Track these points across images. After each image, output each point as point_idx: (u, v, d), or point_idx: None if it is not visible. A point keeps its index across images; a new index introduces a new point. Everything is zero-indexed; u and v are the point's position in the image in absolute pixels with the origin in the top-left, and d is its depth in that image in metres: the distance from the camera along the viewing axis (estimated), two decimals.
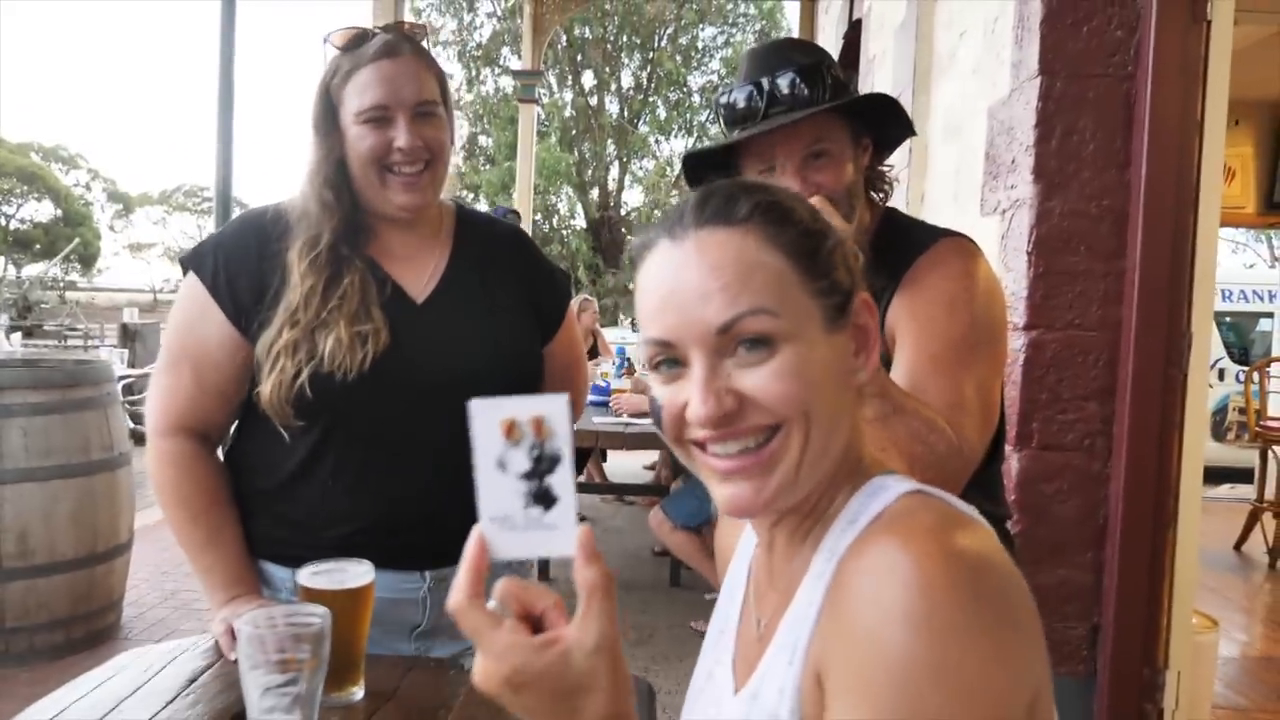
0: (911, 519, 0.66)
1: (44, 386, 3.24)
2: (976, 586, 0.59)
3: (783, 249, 0.69)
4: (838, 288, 0.71)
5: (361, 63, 1.28)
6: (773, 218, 0.70)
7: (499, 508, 0.61)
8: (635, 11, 22.83)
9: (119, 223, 47.08)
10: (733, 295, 0.67)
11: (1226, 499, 6.48)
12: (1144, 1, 2.18)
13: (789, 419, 0.67)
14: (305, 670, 0.90)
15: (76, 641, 3.36)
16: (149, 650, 1.18)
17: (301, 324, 1.23)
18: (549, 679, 0.57)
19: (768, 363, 0.67)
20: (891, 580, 0.59)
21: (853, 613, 0.61)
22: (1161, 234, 2.13)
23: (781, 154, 1.26)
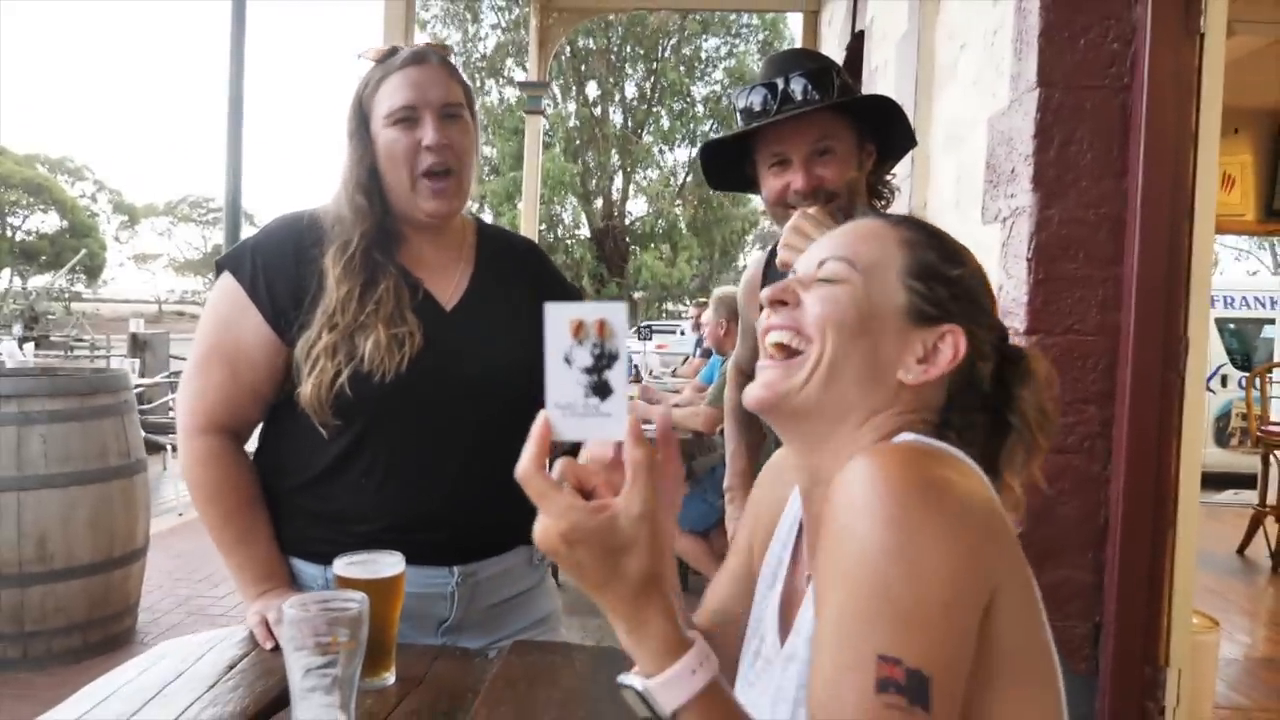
0: (891, 444, 0.78)
1: (63, 394, 3.31)
2: (931, 488, 0.69)
3: (907, 246, 0.87)
4: (935, 302, 0.85)
5: (391, 70, 1.35)
6: (918, 226, 0.90)
7: (564, 396, 0.70)
8: (639, 22, 22.96)
9: (125, 234, 47.33)
10: (842, 244, 0.87)
11: (1230, 504, 6.51)
12: (1139, 15, 2.24)
13: (815, 336, 0.83)
14: (343, 652, 0.95)
15: (93, 645, 3.42)
16: (188, 640, 1.24)
17: (340, 327, 1.28)
18: (598, 538, 0.66)
19: (825, 289, 0.85)
20: (860, 483, 0.70)
21: (831, 518, 0.71)
22: (1158, 241, 2.18)
23: (791, 148, 1.39)
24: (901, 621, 0.65)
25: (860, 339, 0.83)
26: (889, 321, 0.84)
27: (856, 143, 1.40)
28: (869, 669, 0.64)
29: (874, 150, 1.44)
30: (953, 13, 3.19)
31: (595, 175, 25.97)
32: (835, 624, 0.68)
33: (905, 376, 0.83)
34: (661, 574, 0.68)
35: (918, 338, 0.84)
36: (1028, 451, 0.86)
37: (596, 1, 7.31)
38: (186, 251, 51.68)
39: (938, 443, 0.80)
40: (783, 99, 1.37)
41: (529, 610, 1.46)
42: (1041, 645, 0.75)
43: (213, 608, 4.14)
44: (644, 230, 27.24)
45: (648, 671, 0.67)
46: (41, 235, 37.54)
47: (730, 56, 25.21)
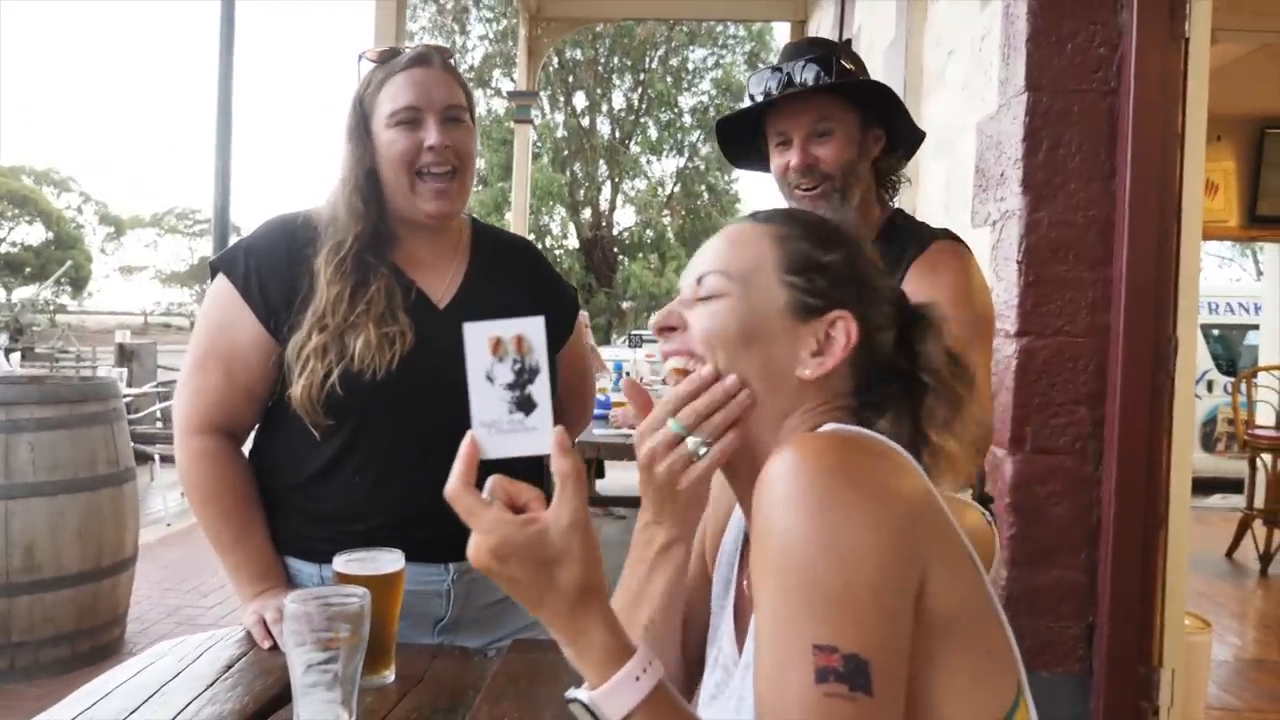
0: (814, 434, 0.77)
1: (52, 402, 3.28)
2: (850, 473, 0.69)
3: (779, 242, 0.85)
4: (817, 292, 0.82)
5: (394, 71, 1.35)
6: (790, 220, 0.87)
7: (488, 414, 0.72)
8: (626, 34, 23.05)
9: (110, 245, 47.07)
10: (714, 256, 0.86)
11: (1218, 508, 6.55)
12: (1125, 20, 2.27)
13: (705, 354, 0.82)
14: (345, 648, 0.95)
15: (81, 656, 3.38)
16: (184, 640, 1.23)
17: (330, 328, 1.28)
18: (529, 550, 0.67)
19: (706, 306, 0.84)
20: (778, 475, 0.69)
21: (757, 511, 0.70)
22: (1146, 242, 2.20)
23: (793, 127, 1.45)
24: (832, 608, 0.64)
25: (750, 349, 0.82)
26: (775, 323, 0.82)
27: (860, 127, 1.45)
28: (806, 660, 0.63)
29: (882, 137, 1.48)
30: (940, 20, 3.23)
31: (583, 185, 26.02)
32: (769, 620, 0.67)
33: (804, 373, 0.82)
34: (597, 583, 0.68)
35: (808, 332, 0.82)
36: (950, 406, 0.84)
37: (585, 11, 7.34)
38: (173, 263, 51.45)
39: (856, 428, 0.80)
40: (787, 83, 1.44)
41: (525, 610, 1.45)
42: (981, 610, 0.73)
43: (202, 617, 4.11)
44: (632, 240, 27.30)
45: (592, 683, 0.67)
46: (27, 247, 37.28)
47: (717, 67, 25.33)
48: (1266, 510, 5.16)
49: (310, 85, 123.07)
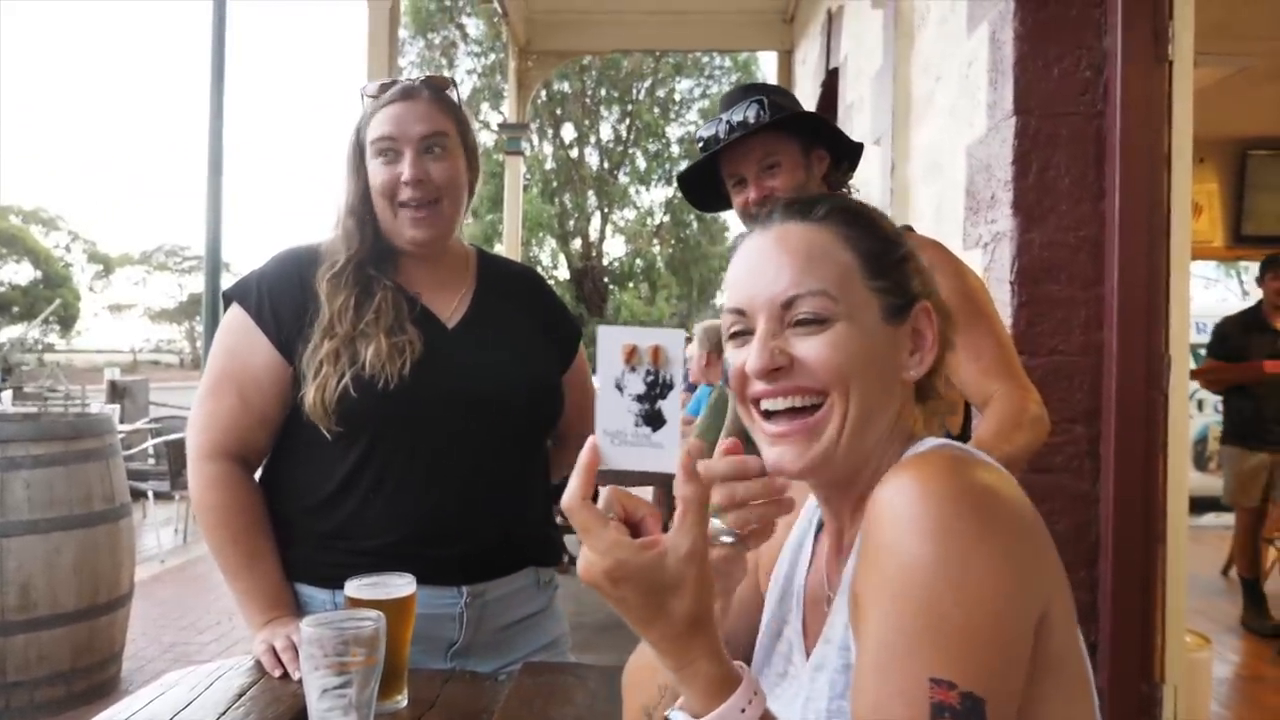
0: (930, 454, 0.75)
1: (48, 439, 3.27)
2: (979, 500, 0.67)
3: (852, 246, 0.81)
4: (900, 290, 0.81)
5: (381, 104, 1.40)
6: (847, 219, 0.83)
7: (614, 423, 0.68)
8: (613, 65, 23.28)
9: (99, 283, 46.98)
10: (799, 275, 0.79)
11: (1211, 526, 6.56)
12: (1109, 44, 2.32)
13: (832, 388, 0.77)
14: (360, 671, 0.95)
15: (77, 696, 3.34)
16: (193, 670, 1.23)
17: (339, 335, 1.31)
18: (644, 576, 0.64)
19: (820, 334, 0.78)
20: (903, 498, 0.67)
21: (873, 534, 0.69)
22: (1137, 261, 2.23)
23: (743, 167, 1.59)
24: (954, 642, 0.62)
25: (870, 370, 0.79)
26: (880, 335, 0.80)
27: (802, 153, 1.59)
28: (921, 693, 0.61)
29: (825, 156, 1.63)
30: (926, 47, 3.28)
31: (573, 216, 26.13)
32: (882, 645, 0.65)
33: (909, 375, 0.82)
34: (707, 613, 0.66)
35: (902, 333, 0.82)
36: None
37: (573, 44, 7.43)
38: (162, 300, 51.36)
39: (959, 445, 0.78)
40: (729, 128, 1.58)
41: (537, 634, 1.46)
42: (1080, 653, 0.72)
43: (198, 654, 4.06)
44: (622, 270, 27.38)
45: (695, 711, 0.66)
46: (14, 286, 37.17)
47: (704, 97, 25.56)
48: None
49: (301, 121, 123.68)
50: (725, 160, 1.61)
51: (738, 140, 1.57)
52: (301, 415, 1.33)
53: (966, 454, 0.76)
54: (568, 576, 5.06)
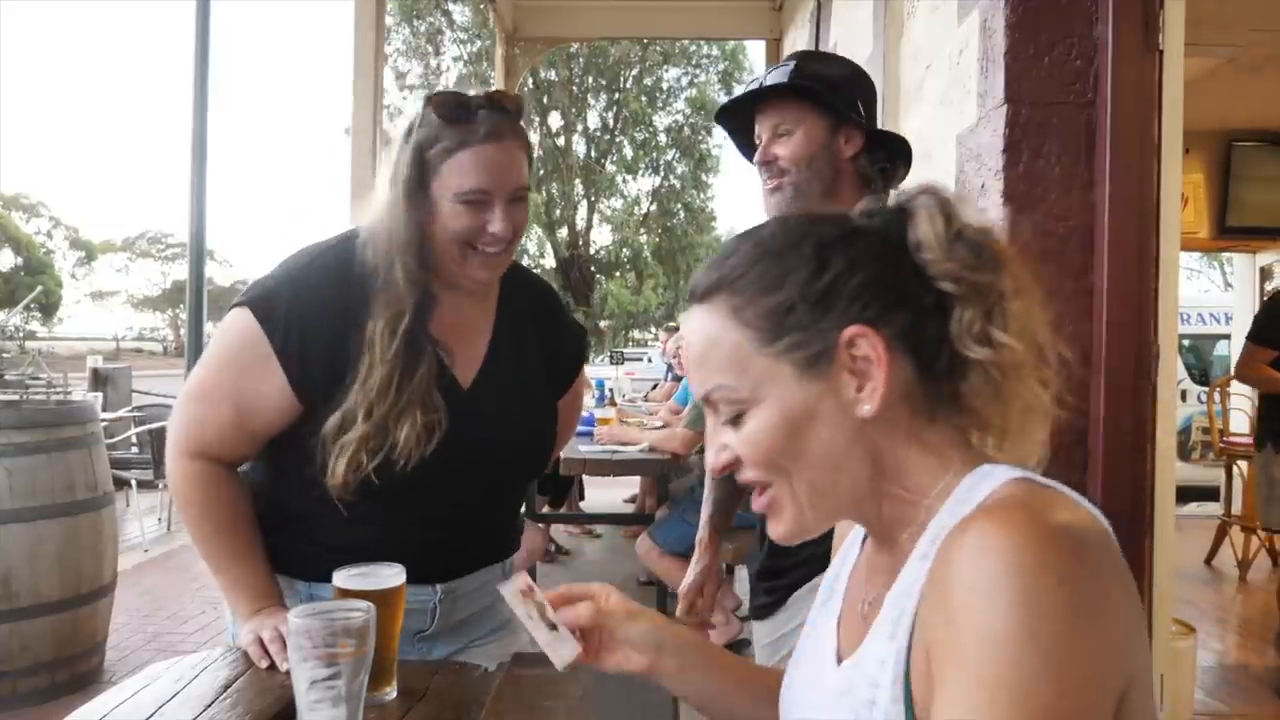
0: (1011, 502, 0.68)
1: (29, 426, 3.24)
2: (1070, 567, 0.62)
3: (739, 319, 0.75)
4: (816, 333, 0.73)
5: (469, 142, 1.25)
6: (732, 289, 0.77)
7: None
8: (600, 54, 23.19)
9: (81, 270, 46.58)
10: (700, 372, 0.78)
11: (1195, 516, 6.62)
12: (1100, 33, 2.31)
13: (768, 474, 0.76)
14: (350, 662, 0.93)
15: (60, 686, 3.32)
16: (179, 661, 1.21)
17: (375, 418, 1.24)
18: None
19: (739, 428, 0.76)
20: (988, 560, 0.62)
21: (954, 594, 0.64)
22: (1127, 251, 2.23)
23: (761, 128, 1.60)
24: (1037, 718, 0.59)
25: (804, 439, 0.74)
26: (803, 398, 0.74)
27: (827, 128, 1.55)
28: None
29: (856, 138, 1.58)
30: (916, 35, 3.26)
31: (559, 205, 26.05)
32: (957, 711, 0.61)
33: (866, 413, 0.74)
34: None
35: (836, 374, 0.74)
36: (983, 299, 0.74)
37: (561, 31, 7.37)
38: (145, 288, 50.96)
39: (1056, 485, 0.72)
40: (760, 87, 1.59)
41: (495, 614, 1.49)
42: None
43: (182, 644, 4.04)
44: (609, 259, 27.34)
45: None
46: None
47: (691, 86, 25.51)
48: (1243, 516, 5.23)
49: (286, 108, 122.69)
50: (756, 116, 1.62)
51: (751, 99, 1.59)
52: (299, 436, 1.30)
53: (1050, 497, 0.69)
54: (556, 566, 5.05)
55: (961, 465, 0.76)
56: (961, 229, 0.75)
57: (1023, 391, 0.75)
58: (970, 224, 0.76)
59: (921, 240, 0.75)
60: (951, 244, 0.75)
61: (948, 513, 0.73)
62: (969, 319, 0.74)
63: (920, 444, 0.76)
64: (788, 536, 0.77)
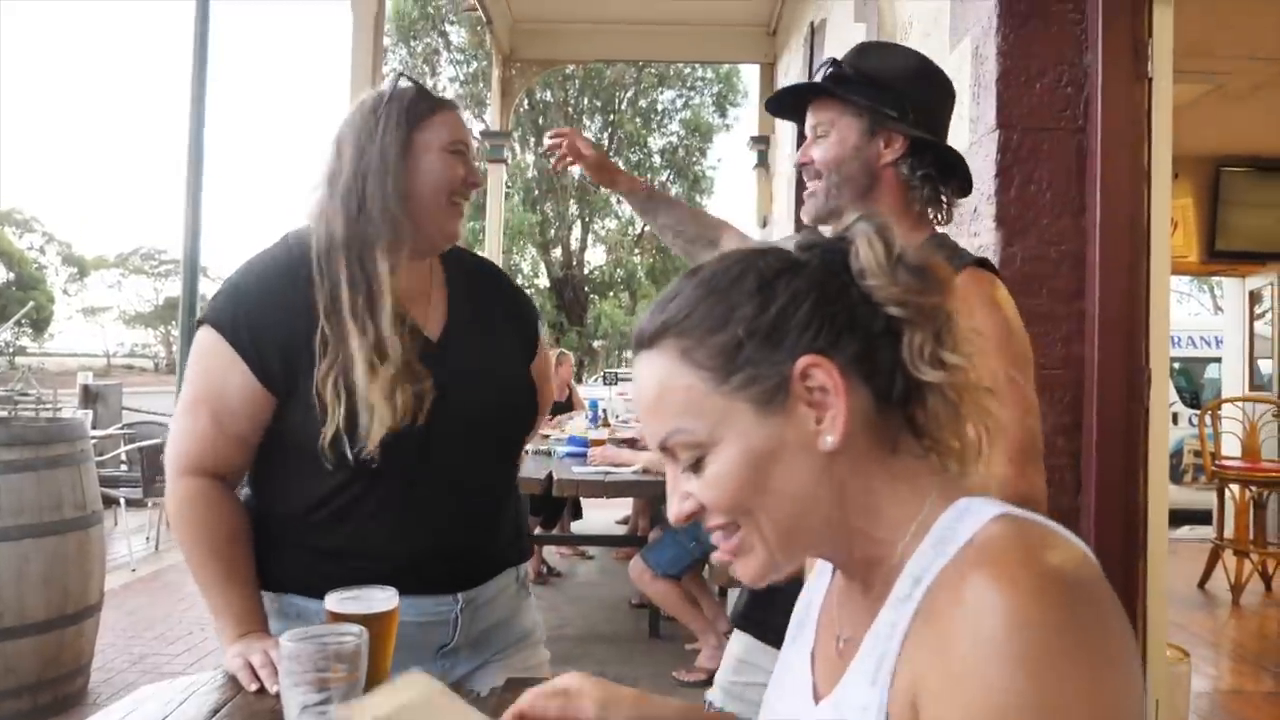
0: (1003, 549, 0.66)
1: (18, 443, 3.21)
2: (1073, 618, 0.61)
3: (689, 360, 0.73)
4: (769, 369, 0.72)
5: (441, 107, 1.41)
6: (678, 331, 0.75)
7: None
8: (596, 75, 23.35)
9: (73, 286, 46.46)
10: (654, 419, 0.75)
11: (1187, 539, 6.62)
12: (1090, 61, 2.34)
13: (734, 517, 0.73)
14: (341, 687, 0.93)
15: (43, 708, 3.28)
16: (166, 685, 1.20)
17: (360, 393, 1.26)
18: None
19: (700, 472, 0.74)
20: (987, 618, 0.61)
21: (950, 649, 0.63)
22: (1117, 275, 2.25)
23: (805, 123, 1.51)
24: None
25: (769, 479, 0.72)
26: (762, 437, 0.72)
27: (861, 130, 1.44)
28: None
29: (898, 143, 1.44)
30: None
31: (554, 225, 26.14)
32: None
33: (828, 445, 0.72)
34: None
35: (794, 407, 0.72)
36: (931, 321, 0.73)
37: (557, 53, 7.43)
38: (137, 304, 50.84)
39: (1041, 520, 0.70)
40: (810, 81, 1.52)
41: (514, 627, 1.49)
42: None
43: (168, 665, 4.00)
44: (603, 279, 27.42)
45: None
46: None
47: (685, 109, 25.68)
48: (1236, 540, 5.24)
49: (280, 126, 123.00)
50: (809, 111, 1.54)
51: (794, 95, 1.52)
52: (292, 436, 1.31)
53: (1041, 537, 0.67)
54: (548, 588, 5.03)
55: (938, 497, 0.74)
56: (901, 253, 0.75)
57: (979, 411, 0.74)
58: (908, 248, 0.76)
59: (864, 267, 0.74)
60: (894, 268, 0.74)
61: (928, 552, 0.71)
62: (919, 342, 0.73)
63: (888, 474, 0.75)
64: (757, 578, 0.75)
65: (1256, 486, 5.27)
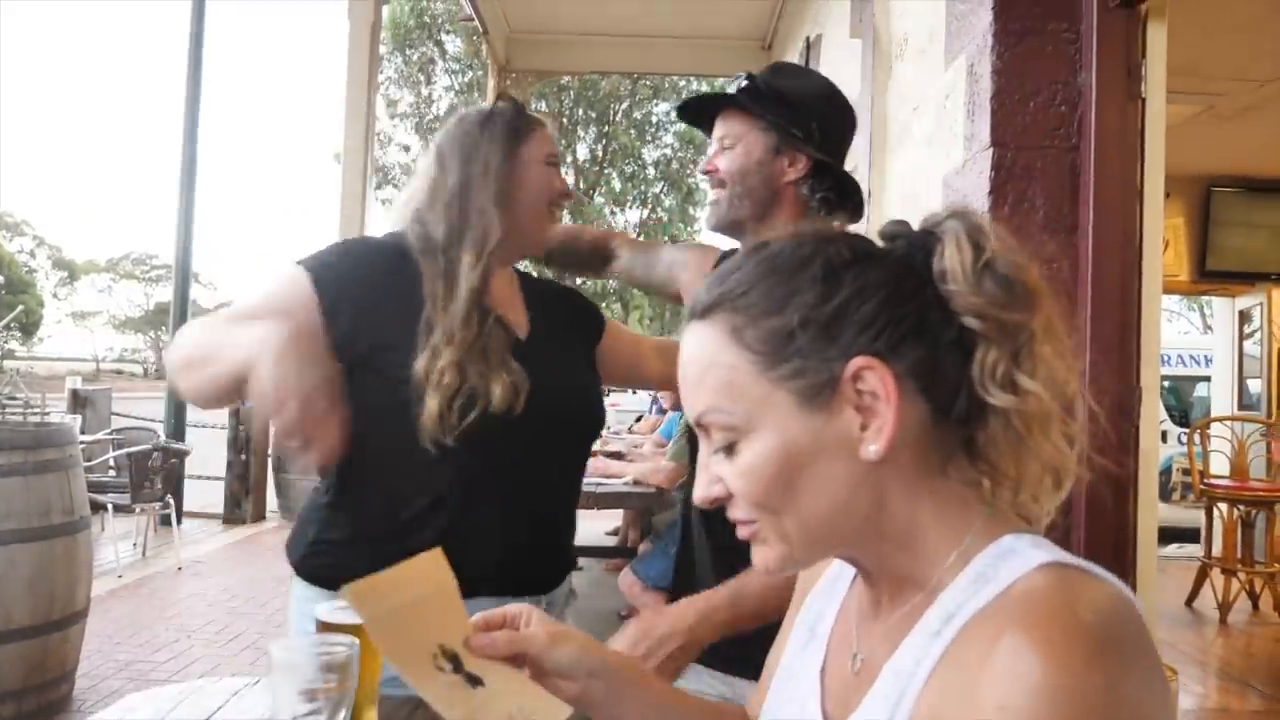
0: (1046, 609, 0.62)
1: (6, 448, 3.20)
2: (1109, 695, 0.58)
3: (739, 340, 0.70)
4: (819, 362, 0.68)
5: (540, 123, 1.52)
6: (735, 307, 0.71)
7: None
8: (590, 87, 23.41)
9: (63, 290, 46.26)
10: (694, 393, 0.72)
11: (1175, 557, 6.64)
12: (1084, 80, 2.36)
13: (757, 511, 0.70)
14: (333, 697, 0.92)
15: (28, 715, 3.26)
16: (157, 692, 1.19)
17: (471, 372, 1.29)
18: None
19: (732, 458, 0.70)
20: (1021, 682, 0.58)
21: (976, 702, 0.60)
22: (1110, 293, 2.26)
23: (713, 135, 1.57)
24: None
25: (803, 479, 0.68)
26: (801, 432, 0.68)
27: (768, 146, 1.48)
28: None
29: (801, 163, 1.48)
30: (904, 77, 3.32)
31: None
32: None
33: (871, 454, 0.67)
34: None
35: (839, 408, 0.68)
36: (1011, 339, 0.68)
37: (552, 64, 7.45)
38: (128, 309, 50.63)
39: (1089, 570, 0.66)
40: (722, 93, 1.55)
41: None
42: None
43: (154, 673, 3.97)
44: (596, 290, 27.42)
45: None
46: None
47: (679, 121, 25.75)
48: (1224, 558, 5.25)
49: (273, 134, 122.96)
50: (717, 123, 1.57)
51: (706, 106, 1.57)
52: (384, 425, 1.30)
53: (1080, 596, 0.63)
54: None
55: (981, 529, 0.70)
56: (992, 260, 0.68)
57: (1046, 446, 0.69)
58: (1003, 255, 0.69)
59: (947, 269, 0.69)
60: (980, 276, 0.68)
61: (965, 588, 0.67)
62: (993, 360, 0.67)
63: (932, 496, 0.70)
64: (773, 570, 0.72)
65: (1245, 505, 5.29)
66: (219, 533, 7.25)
